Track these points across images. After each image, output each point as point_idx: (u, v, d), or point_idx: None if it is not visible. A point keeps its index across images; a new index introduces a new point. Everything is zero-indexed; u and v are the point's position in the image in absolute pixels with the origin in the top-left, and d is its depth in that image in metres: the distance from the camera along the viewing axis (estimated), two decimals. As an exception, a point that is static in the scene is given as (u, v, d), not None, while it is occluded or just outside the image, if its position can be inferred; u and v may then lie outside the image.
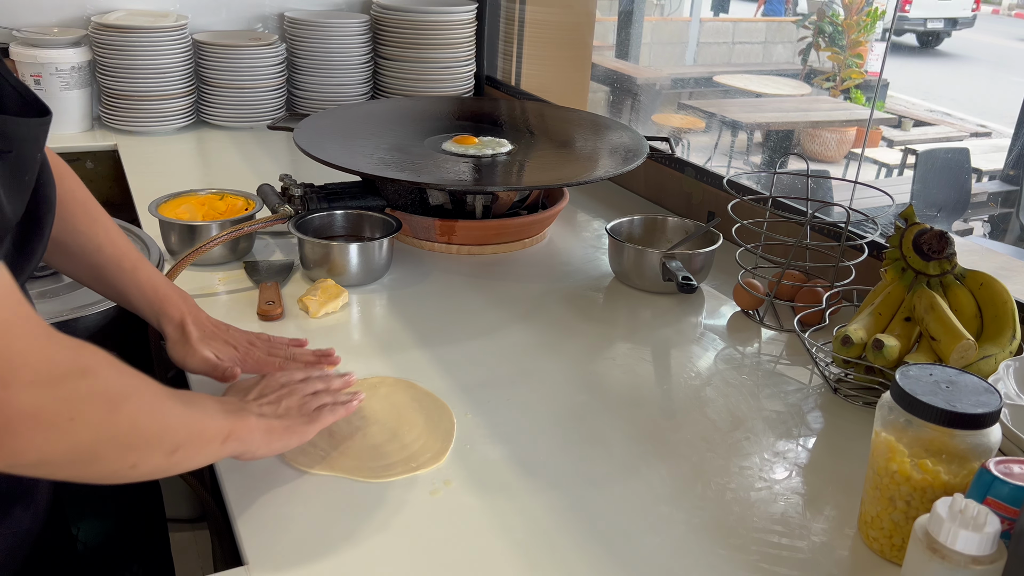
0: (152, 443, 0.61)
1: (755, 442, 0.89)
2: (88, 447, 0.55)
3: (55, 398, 0.52)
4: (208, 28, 2.02)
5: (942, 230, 0.95)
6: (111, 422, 0.56)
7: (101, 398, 0.55)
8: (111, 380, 0.57)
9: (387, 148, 1.38)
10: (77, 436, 0.54)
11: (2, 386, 0.49)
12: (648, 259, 1.19)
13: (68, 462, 0.55)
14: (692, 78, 6.53)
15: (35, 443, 0.51)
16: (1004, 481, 0.58)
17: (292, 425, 0.78)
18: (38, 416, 0.51)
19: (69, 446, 0.54)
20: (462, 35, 2.03)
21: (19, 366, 0.50)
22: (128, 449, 0.59)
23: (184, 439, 0.64)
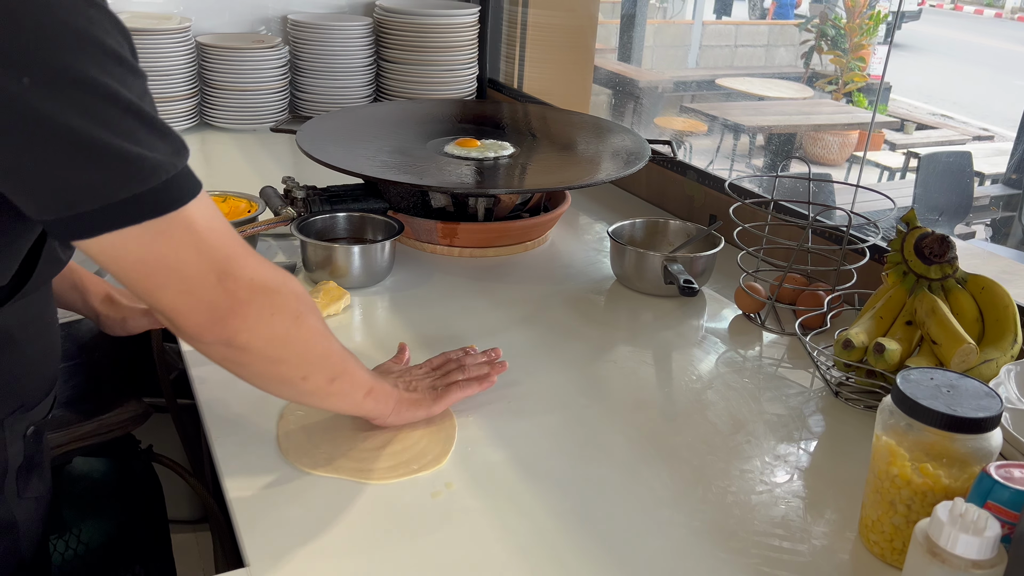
0: (319, 362, 0.72)
1: (756, 445, 0.89)
2: (279, 343, 0.67)
3: (265, 294, 0.64)
4: (211, 31, 2.02)
5: (943, 234, 0.95)
6: (296, 327, 0.68)
7: (292, 307, 0.67)
8: (299, 297, 0.69)
9: (389, 151, 1.38)
10: (274, 329, 0.66)
11: (233, 279, 0.62)
12: (650, 262, 1.19)
13: (264, 355, 0.67)
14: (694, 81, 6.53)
15: (248, 325, 0.64)
16: (1004, 485, 0.58)
17: (421, 399, 0.86)
18: (253, 302, 0.64)
19: (268, 336, 0.66)
20: (464, 38, 2.03)
21: (242, 264, 0.63)
22: (302, 359, 0.70)
23: (341, 371, 0.75)
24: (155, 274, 0.59)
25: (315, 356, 0.72)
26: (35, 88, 0.50)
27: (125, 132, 0.54)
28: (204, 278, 0.61)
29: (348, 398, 0.78)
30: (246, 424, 0.88)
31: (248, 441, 0.85)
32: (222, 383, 0.95)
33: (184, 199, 0.58)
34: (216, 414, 0.89)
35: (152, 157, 0.55)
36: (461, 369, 0.92)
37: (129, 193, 0.54)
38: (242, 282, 0.63)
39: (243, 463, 0.82)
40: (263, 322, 0.65)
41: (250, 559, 0.70)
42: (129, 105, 0.54)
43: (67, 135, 0.51)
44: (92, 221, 0.55)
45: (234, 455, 0.83)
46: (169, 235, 0.58)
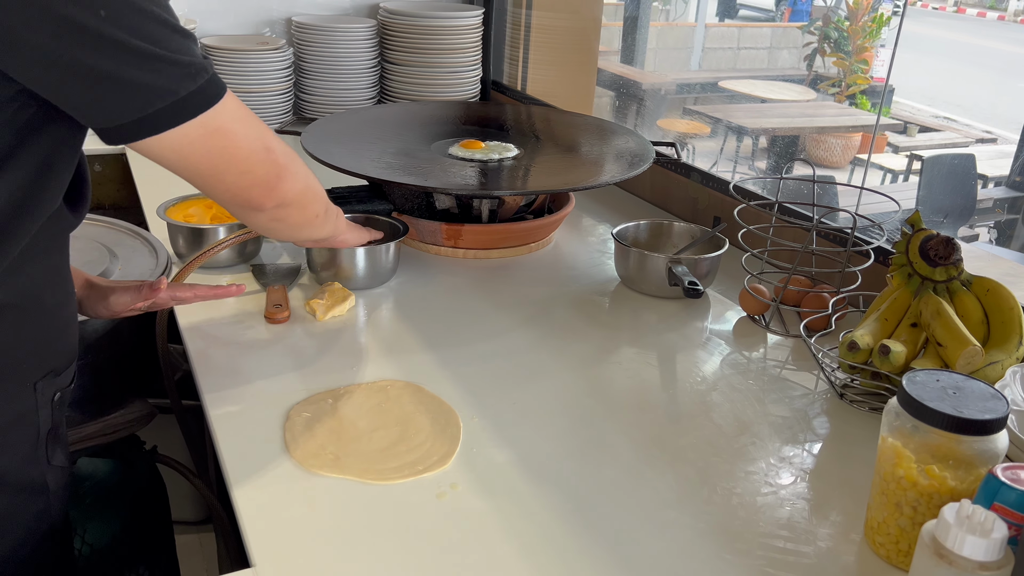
0: (319, 199, 0.88)
1: (761, 447, 0.89)
2: (303, 190, 0.81)
3: (288, 154, 0.79)
4: (216, 32, 2.03)
5: (949, 236, 0.95)
6: (309, 180, 0.83)
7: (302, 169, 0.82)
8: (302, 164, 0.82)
9: (394, 152, 1.38)
10: (305, 181, 0.82)
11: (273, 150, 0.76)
12: (654, 264, 1.19)
13: (300, 205, 0.82)
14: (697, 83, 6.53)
15: (290, 184, 0.78)
16: (1011, 487, 0.58)
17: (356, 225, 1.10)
18: (287, 164, 0.78)
19: (300, 187, 0.81)
20: (468, 40, 2.04)
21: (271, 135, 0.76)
22: (314, 199, 0.86)
23: (326, 205, 0.92)
24: (219, 160, 0.71)
25: (316, 196, 0.87)
26: (110, 18, 0.61)
27: (175, 47, 0.65)
28: (256, 155, 0.74)
29: (328, 224, 0.95)
30: (251, 424, 0.88)
31: (253, 441, 0.85)
32: (227, 385, 0.95)
33: (222, 92, 0.69)
34: (221, 415, 0.89)
35: (197, 62, 0.67)
36: None
37: (186, 91, 0.66)
38: (278, 150, 0.76)
39: (248, 463, 0.82)
40: (294, 177, 0.78)
41: (256, 559, 0.70)
42: (175, 27, 0.66)
43: (137, 52, 0.63)
44: (160, 119, 0.66)
45: (239, 456, 0.83)
46: (219, 124, 0.69)
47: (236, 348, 1.02)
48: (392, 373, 0.99)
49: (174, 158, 0.69)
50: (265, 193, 0.77)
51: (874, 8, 6.21)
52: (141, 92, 0.64)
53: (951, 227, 3.84)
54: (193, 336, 1.05)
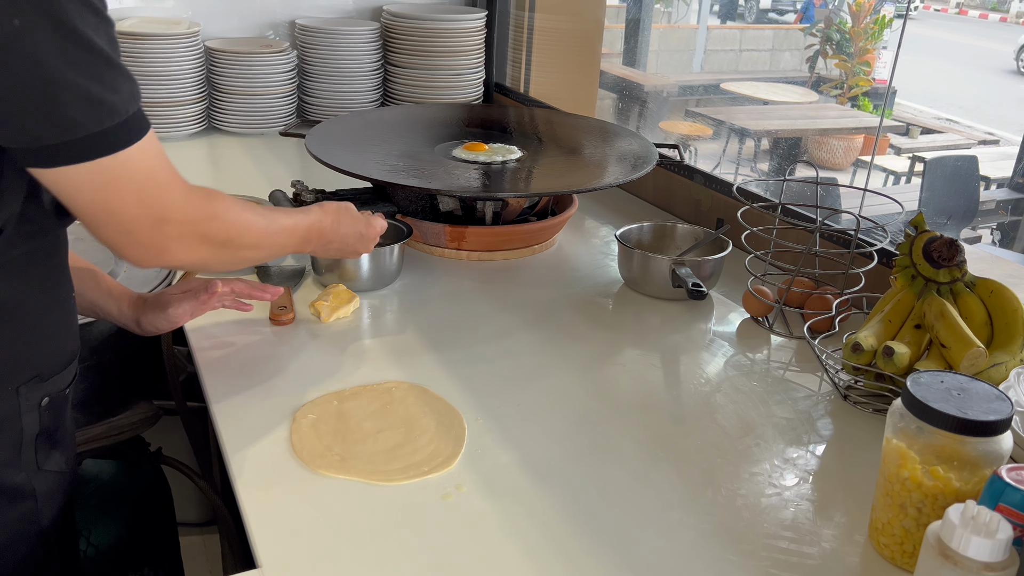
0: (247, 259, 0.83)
1: (765, 448, 0.89)
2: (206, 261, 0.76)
3: (195, 232, 0.72)
4: (220, 35, 2.03)
5: (952, 238, 0.95)
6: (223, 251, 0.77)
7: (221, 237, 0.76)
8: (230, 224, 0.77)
9: (398, 155, 1.39)
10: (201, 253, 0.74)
11: (167, 224, 0.69)
12: (657, 265, 1.20)
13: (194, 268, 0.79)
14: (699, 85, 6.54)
15: (179, 256, 0.72)
16: (1016, 488, 0.58)
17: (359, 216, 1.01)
18: (184, 242, 0.72)
19: (198, 258, 0.75)
20: (471, 43, 2.04)
21: (177, 209, 0.70)
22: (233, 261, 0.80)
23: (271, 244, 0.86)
24: (99, 213, 0.66)
25: (242, 259, 0.82)
26: (24, 29, 0.55)
27: (95, 75, 0.59)
28: (140, 223, 0.68)
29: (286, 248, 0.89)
30: (257, 426, 0.88)
31: (259, 443, 0.85)
32: (232, 386, 0.95)
33: (131, 140, 0.64)
34: (227, 416, 0.90)
35: (112, 100, 0.61)
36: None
37: (87, 132, 0.60)
38: (173, 226, 0.70)
39: (254, 465, 0.82)
40: (193, 250, 0.73)
41: (261, 560, 0.70)
42: (101, 52, 0.60)
43: (45, 74, 0.57)
44: (52, 154, 0.60)
45: (245, 457, 0.83)
46: (113, 178, 0.64)
47: (241, 350, 1.03)
48: (397, 375, 0.99)
49: (56, 191, 0.64)
50: (143, 258, 0.71)
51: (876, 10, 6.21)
52: (36, 123, 0.59)
53: (954, 229, 3.84)
54: (198, 338, 1.05)
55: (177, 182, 0.71)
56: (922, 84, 7.36)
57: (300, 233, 0.90)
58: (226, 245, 0.77)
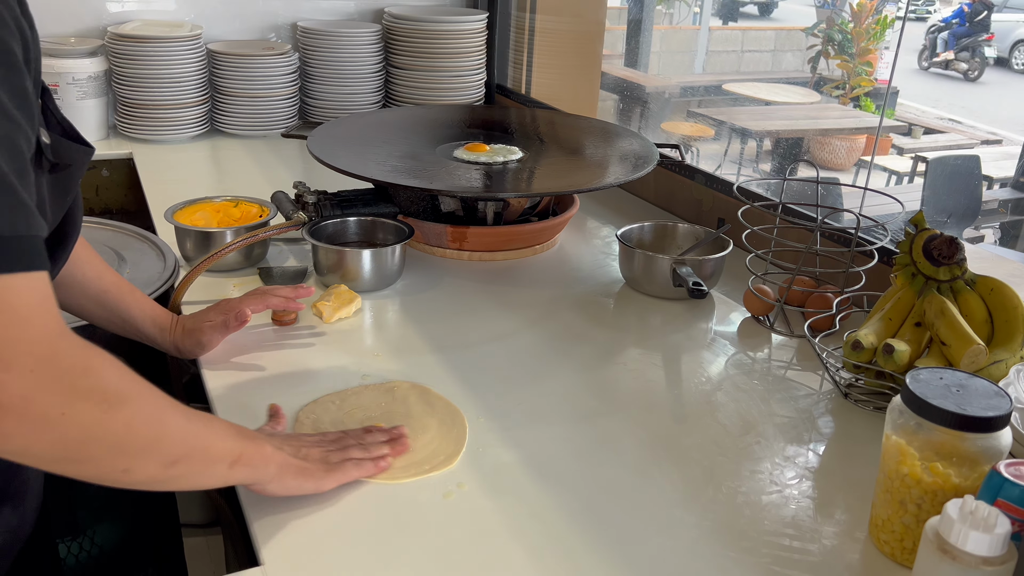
0: (146, 451, 0.60)
1: (766, 447, 0.89)
2: (76, 445, 0.56)
3: (52, 390, 0.53)
4: (222, 38, 2.04)
5: (952, 236, 0.95)
6: (103, 423, 0.56)
7: (98, 397, 0.56)
8: (111, 381, 0.57)
9: (399, 156, 1.39)
10: (66, 431, 0.54)
11: (4, 368, 0.51)
12: (659, 265, 1.20)
13: (54, 457, 0.56)
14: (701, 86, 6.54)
15: (22, 430, 0.52)
16: (1014, 483, 0.58)
17: (311, 469, 0.76)
18: (30, 403, 0.52)
19: (55, 440, 0.54)
20: (472, 44, 2.05)
21: (24, 353, 0.51)
22: (120, 453, 0.59)
23: (183, 453, 0.63)
24: None
25: (137, 447, 0.60)
26: None
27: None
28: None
29: (204, 475, 0.68)
30: (260, 425, 0.88)
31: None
32: (235, 387, 0.96)
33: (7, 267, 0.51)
34: (230, 417, 0.90)
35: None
36: (360, 446, 0.81)
37: None
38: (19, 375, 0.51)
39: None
40: (48, 424, 0.53)
41: (264, 558, 0.71)
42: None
43: None
44: None
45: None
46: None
47: (243, 351, 1.03)
48: (398, 374, 0.99)
49: None
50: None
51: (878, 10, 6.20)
52: None
53: (956, 228, 3.84)
54: (201, 338, 1.05)
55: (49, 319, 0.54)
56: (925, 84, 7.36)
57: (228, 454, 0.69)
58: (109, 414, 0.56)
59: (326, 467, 0.77)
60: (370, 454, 0.80)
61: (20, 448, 0.54)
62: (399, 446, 0.83)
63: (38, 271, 0.53)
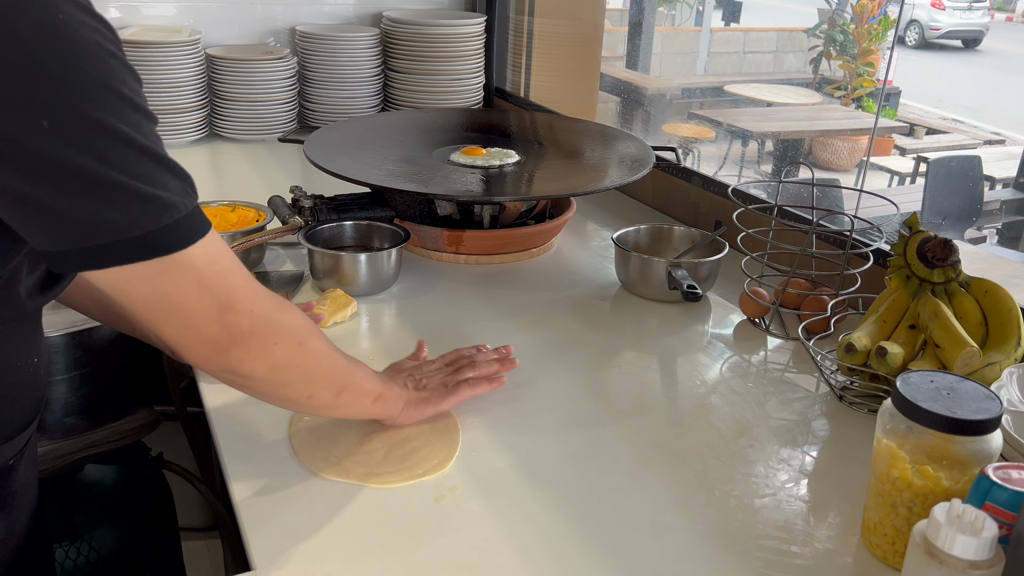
0: (323, 381, 0.76)
1: (760, 450, 0.89)
2: (281, 369, 0.70)
3: (266, 325, 0.67)
4: (221, 43, 2.05)
5: (946, 238, 0.95)
6: (299, 352, 0.71)
7: (295, 333, 0.71)
8: (300, 322, 0.72)
9: (396, 160, 1.39)
10: (277, 357, 0.69)
11: (235, 314, 0.65)
12: (654, 268, 1.20)
13: (267, 379, 0.70)
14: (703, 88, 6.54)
15: (251, 355, 0.67)
16: (1002, 487, 0.58)
17: (429, 397, 0.89)
18: (255, 335, 0.66)
19: (271, 364, 0.69)
20: (471, 48, 2.05)
21: (243, 298, 0.65)
22: (308, 380, 0.74)
23: (346, 384, 0.78)
24: (159, 308, 0.62)
25: (319, 376, 0.75)
26: (53, 132, 0.53)
27: (140, 174, 0.57)
28: (205, 314, 0.63)
29: (356, 407, 0.82)
30: (254, 430, 0.89)
31: (256, 447, 0.86)
32: (231, 390, 0.96)
33: (193, 238, 0.61)
34: (225, 421, 0.90)
35: (165, 197, 0.59)
36: (472, 366, 0.94)
37: (142, 231, 0.58)
38: (243, 316, 0.65)
39: (250, 468, 0.83)
40: (265, 352, 0.68)
41: (256, 562, 0.71)
42: (145, 149, 0.58)
43: (83, 175, 0.55)
44: (104, 254, 0.58)
45: (241, 460, 0.84)
46: (173, 273, 0.60)
47: (239, 355, 1.03)
48: (393, 378, 0.99)
49: (110, 292, 0.61)
50: (208, 356, 0.66)
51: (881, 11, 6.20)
52: (82, 224, 0.56)
53: (958, 229, 3.83)
54: (197, 343, 1.06)
55: (242, 270, 0.67)
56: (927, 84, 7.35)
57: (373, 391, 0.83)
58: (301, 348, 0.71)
59: (443, 392, 0.90)
60: (481, 372, 0.94)
61: (248, 371, 0.68)
62: (508, 364, 0.97)
63: (209, 230, 0.63)
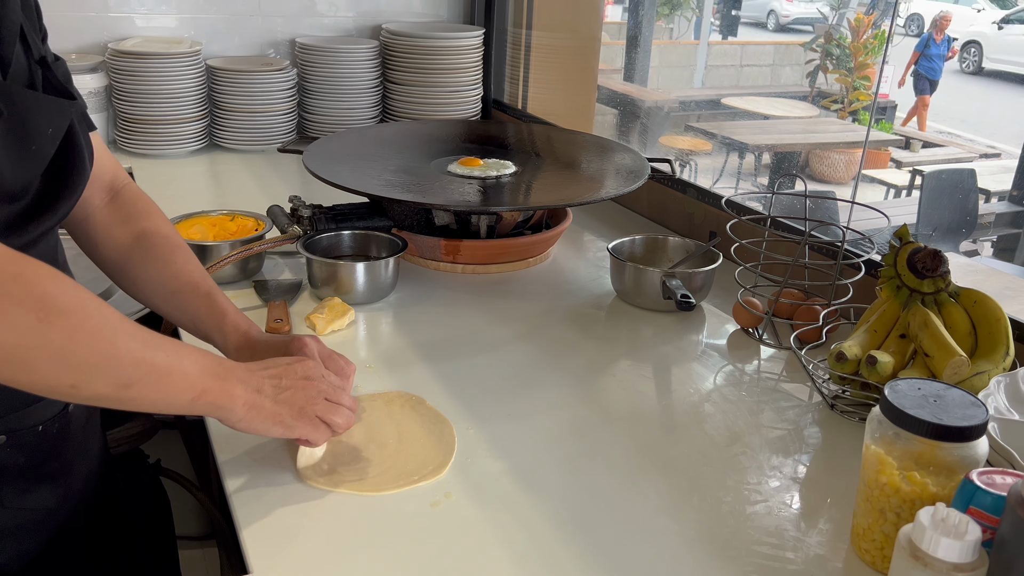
0: (94, 368, 0.61)
1: (752, 457, 0.90)
2: (15, 351, 0.56)
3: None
4: (221, 54, 2.07)
5: (935, 249, 0.97)
6: (40, 331, 0.57)
7: (32, 304, 0.56)
8: (49, 290, 0.58)
9: (394, 170, 1.41)
10: (2, 336, 0.55)
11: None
12: (649, 278, 1.21)
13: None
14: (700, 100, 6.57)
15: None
16: (986, 491, 0.59)
17: (283, 416, 0.76)
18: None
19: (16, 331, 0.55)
20: (469, 60, 2.07)
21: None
22: (63, 366, 0.59)
23: (137, 377, 0.64)
24: None
25: (83, 363, 0.60)
26: None
27: None
28: None
29: (163, 404, 0.68)
30: (252, 438, 0.89)
31: (253, 453, 0.87)
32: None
33: None
34: (223, 428, 0.91)
35: None
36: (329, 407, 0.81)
37: None
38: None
39: (248, 475, 0.83)
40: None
41: (253, 567, 0.72)
42: None
43: None
44: None
45: (239, 467, 0.85)
46: None
47: (238, 362, 1.04)
48: (390, 385, 1.00)
49: None
50: None
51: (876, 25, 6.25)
52: None
53: (952, 241, 3.85)
54: (196, 350, 1.07)
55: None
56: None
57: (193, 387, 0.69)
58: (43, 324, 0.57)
59: (299, 416, 0.77)
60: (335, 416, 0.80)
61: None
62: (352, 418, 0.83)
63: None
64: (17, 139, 0.66)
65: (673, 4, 7.06)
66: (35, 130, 0.69)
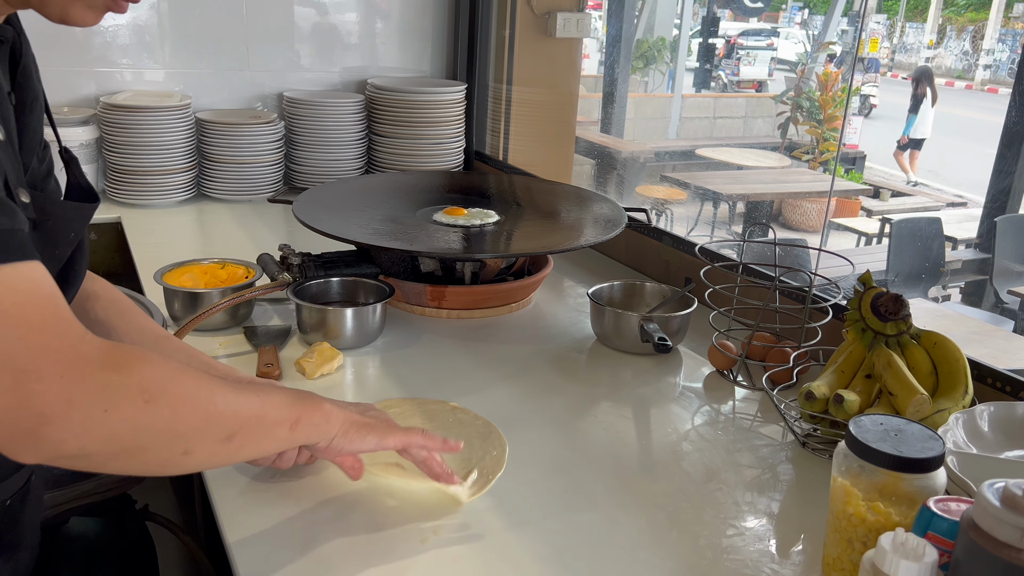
0: (200, 431, 0.63)
1: (728, 493, 0.94)
2: (129, 437, 0.58)
3: (86, 390, 0.54)
4: (210, 107, 2.12)
5: (897, 293, 1.02)
6: (148, 412, 0.58)
7: (135, 390, 0.57)
8: (145, 373, 0.59)
9: (381, 219, 1.46)
10: (114, 426, 0.56)
11: (36, 379, 0.52)
12: (627, 322, 1.26)
13: (112, 453, 0.58)
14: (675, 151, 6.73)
15: (72, 432, 0.54)
16: (943, 517, 0.64)
17: (374, 425, 0.79)
18: (71, 405, 0.53)
19: (107, 436, 0.56)
20: (452, 113, 2.14)
21: (50, 362, 0.53)
22: (173, 437, 0.61)
23: (238, 426, 0.66)
24: None
25: (189, 429, 0.62)
26: None
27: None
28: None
29: (266, 443, 0.70)
30: (243, 477, 0.92)
31: (245, 495, 0.89)
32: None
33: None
34: (216, 471, 0.93)
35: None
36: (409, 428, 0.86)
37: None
38: (50, 383, 0.52)
39: (240, 513, 0.86)
40: (94, 423, 0.55)
41: (249, 601, 0.74)
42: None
43: None
44: None
45: (232, 509, 0.87)
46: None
47: (229, 405, 1.07)
48: (378, 427, 1.03)
49: None
50: (11, 441, 0.53)
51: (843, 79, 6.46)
52: None
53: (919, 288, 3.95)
54: (188, 394, 1.09)
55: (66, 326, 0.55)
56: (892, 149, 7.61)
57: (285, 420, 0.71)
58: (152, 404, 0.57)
59: (392, 425, 0.81)
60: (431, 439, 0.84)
61: (77, 451, 0.55)
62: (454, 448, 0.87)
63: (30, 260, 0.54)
64: (43, 246, 0.67)
65: (647, 58, 7.27)
66: (60, 236, 0.70)
